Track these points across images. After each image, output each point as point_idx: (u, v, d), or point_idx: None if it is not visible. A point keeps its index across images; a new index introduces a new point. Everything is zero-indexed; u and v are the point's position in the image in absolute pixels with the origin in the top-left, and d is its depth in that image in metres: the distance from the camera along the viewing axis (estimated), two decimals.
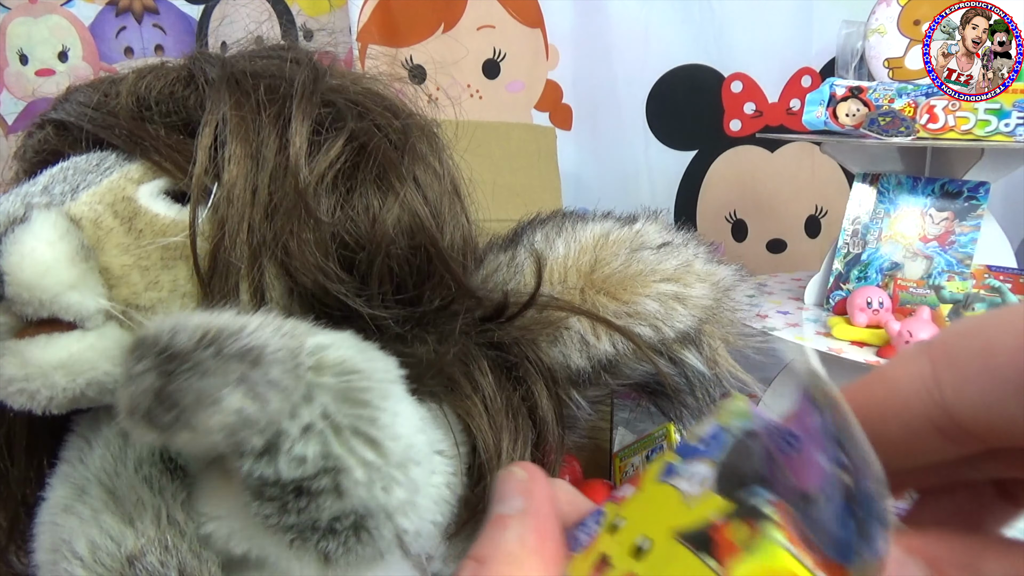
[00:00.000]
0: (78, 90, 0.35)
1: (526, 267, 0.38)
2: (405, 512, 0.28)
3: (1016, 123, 0.74)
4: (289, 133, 0.32)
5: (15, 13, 1.24)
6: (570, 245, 0.39)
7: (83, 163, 0.33)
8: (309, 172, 0.32)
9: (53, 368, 0.29)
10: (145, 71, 0.34)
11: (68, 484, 0.32)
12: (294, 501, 0.26)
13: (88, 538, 0.30)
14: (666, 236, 0.41)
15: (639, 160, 1.26)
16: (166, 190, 0.32)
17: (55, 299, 0.28)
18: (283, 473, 0.26)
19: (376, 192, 0.33)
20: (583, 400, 0.39)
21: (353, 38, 1.19)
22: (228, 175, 0.31)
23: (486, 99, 1.24)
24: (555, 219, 0.41)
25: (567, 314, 0.37)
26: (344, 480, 0.26)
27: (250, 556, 0.29)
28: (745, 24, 1.19)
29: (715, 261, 0.41)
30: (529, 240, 0.40)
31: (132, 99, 0.33)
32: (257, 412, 0.24)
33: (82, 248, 0.29)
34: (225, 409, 0.24)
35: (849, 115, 0.83)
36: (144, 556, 0.29)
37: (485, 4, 1.20)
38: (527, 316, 0.36)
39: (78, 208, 0.30)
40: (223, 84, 0.33)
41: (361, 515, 0.27)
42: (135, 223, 0.30)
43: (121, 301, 0.29)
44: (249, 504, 0.27)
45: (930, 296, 0.78)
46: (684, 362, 0.39)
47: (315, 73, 0.35)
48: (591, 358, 0.38)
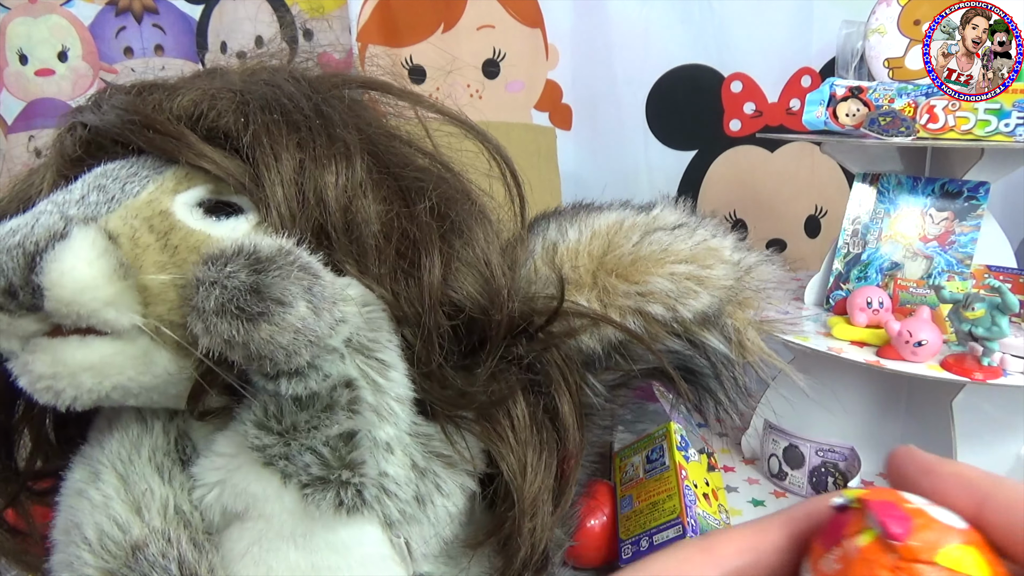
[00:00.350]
0: (112, 94, 0.35)
1: (535, 256, 0.38)
2: (391, 450, 0.30)
3: (1016, 123, 0.74)
4: (349, 181, 0.33)
5: (15, 13, 1.24)
6: (583, 232, 0.39)
7: (118, 171, 0.33)
8: (370, 224, 0.33)
9: (83, 369, 0.29)
10: (182, 84, 0.34)
11: (85, 467, 0.33)
12: (304, 418, 0.29)
13: (96, 524, 0.31)
14: (683, 219, 0.40)
15: (639, 160, 1.26)
16: (201, 201, 0.33)
17: (92, 314, 0.29)
18: (312, 387, 0.29)
19: (432, 257, 0.34)
20: (599, 384, 0.38)
21: (353, 38, 1.19)
22: (276, 206, 0.32)
23: (486, 99, 1.24)
24: (570, 210, 0.41)
25: (589, 321, 0.36)
26: (358, 396, 0.29)
27: (234, 509, 0.30)
28: (745, 24, 1.19)
29: (735, 241, 0.40)
30: (541, 232, 0.39)
31: (173, 107, 0.33)
32: (313, 323, 0.28)
33: (120, 266, 0.29)
34: (297, 312, 0.27)
35: (849, 115, 0.83)
36: (147, 547, 0.29)
37: (485, 4, 1.20)
38: (550, 328, 0.36)
39: (115, 223, 0.31)
40: (284, 123, 0.33)
41: (356, 445, 0.29)
42: (171, 239, 0.31)
43: (155, 317, 0.30)
44: (250, 438, 0.29)
45: (930, 296, 0.78)
46: (706, 344, 0.38)
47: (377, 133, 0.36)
48: (602, 339, 0.37)
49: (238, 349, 0.27)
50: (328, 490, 0.29)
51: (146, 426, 0.33)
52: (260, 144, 0.32)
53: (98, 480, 0.32)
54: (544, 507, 0.34)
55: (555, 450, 0.35)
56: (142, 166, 0.33)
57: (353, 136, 0.34)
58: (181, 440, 0.34)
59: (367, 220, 0.33)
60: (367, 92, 0.39)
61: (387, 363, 0.31)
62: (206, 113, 0.33)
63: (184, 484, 0.32)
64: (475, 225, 0.36)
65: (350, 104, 0.36)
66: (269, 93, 0.34)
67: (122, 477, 0.32)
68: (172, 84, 0.34)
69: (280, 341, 0.27)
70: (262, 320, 0.27)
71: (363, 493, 0.29)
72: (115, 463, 0.32)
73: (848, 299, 0.80)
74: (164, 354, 0.30)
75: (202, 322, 0.27)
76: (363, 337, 0.31)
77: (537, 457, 0.34)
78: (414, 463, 0.32)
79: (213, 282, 0.27)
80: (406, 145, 0.37)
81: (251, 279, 0.27)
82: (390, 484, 0.30)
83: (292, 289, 0.27)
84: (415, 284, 0.33)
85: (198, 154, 0.32)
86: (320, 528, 0.29)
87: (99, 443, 0.34)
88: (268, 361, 0.28)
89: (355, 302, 0.31)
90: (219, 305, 0.27)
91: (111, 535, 0.30)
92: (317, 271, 0.29)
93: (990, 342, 0.69)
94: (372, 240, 0.33)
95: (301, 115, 0.34)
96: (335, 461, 0.29)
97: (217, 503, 0.30)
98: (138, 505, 0.31)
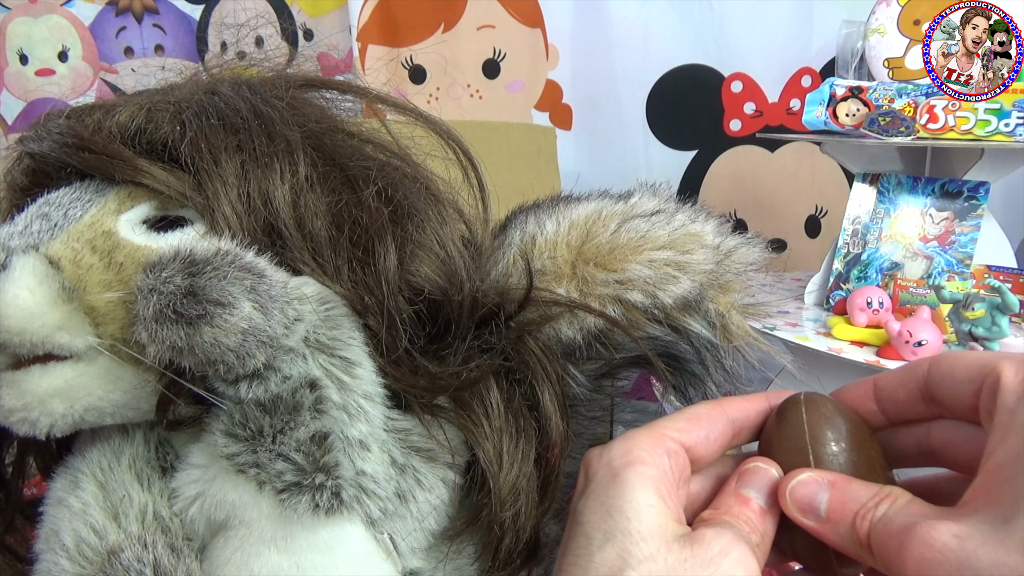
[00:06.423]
0: (52, 119, 0.35)
1: (511, 251, 0.38)
2: (367, 447, 0.30)
3: (1016, 123, 0.74)
4: (294, 182, 0.33)
5: (15, 13, 1.24)
6: (560, 223, 0.38)
7: (61, 197, 0.33)
8: (315, 220, 0.33)
9: (50, 396, 0.29)
10: (120, 102, 0.34)
11: (66, 476, 0.33)
12: (269, 423, 0.28)
13: (74, 531, 0.31)
14: (661, 205, 0.40)
15: (639, 160, 1.26)
16: (146, 218, 0.33)
17: (45, 340, 0.29)
18: (273, 390, 0.28)
19: (386, 247, 0.33)
20: (580, 374, 0.38)
21: (353, 38, 1.19)
22: (221, 212, 0.32)
23: (486, 99, 1.24)
24: (549, 202, 0.41)
25: (564, 309, 0.36)
26: (322, 396, 0.29)
27: (217, 519, 0.30)
28: (745, 24, 1.20)
29: (717, 226, 0.40)
30: (520, 225, 0.39)
31: (110, 126, 0.33)
32: (262, 323, 0.27)
33: (63, 290, 0.29)
34: (239, 312, 0.27)
35: (849, 115, 0.84)
36: (123, 552, 0.29)
37: (485, 4, 1.20)
38: (523, 316, 0.36)
39: (56, 248, 0.30)
40: (221, 127, 0.33)
41: (329, 447, 0.29)
42: (115, 257, 0.31)
43: (109, 336, 0.30)
44: (219, 447, 0.29)
45: (930, 296, 0.78)
46: (688, 330, 0.38)
47: (320, 123, 0.36)
48: (582, 328, 0.37)
49: (186, 355, 0.27)
50: (303, 494, 0.29)
51: (127, 435, 0.33)
52: (199, 151, 0.32)
53: (78, 488, 0.32)
54: (525, 496, 0.34)
55: (533, 438, 0.35)
56: (85, 190, 0.33)
57: (295, 133, 0.34)
58: (162, 448, 0.33)
59: (316, 213, 0.33)
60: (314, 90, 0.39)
61: (351, 360, 0.31)
62: (143, 127, 0.33)
63: (164, 491, 0.32)
64: (426, 207, 0.36)
65: (290, 102, 0.36)
66: (206, 100, 0.34)
67: (101, 485, 0.32)
68: (111, 103, 0.34)
69: (227, 343, 0.27)
70: (202, 323, 0.26)
71: (340, 494, 0.29)
72: (95, 471, 0.32)
73: (848, 299, 0.80)
74: (127, 369, 0.30)
75: (145, 330, 0.27)
76: (323, 335, 0.30)
77: (514, 445, 0.34)
78: (393, 459, 0.32)
79: (151, 289, 0.27)
80: (352, 137, 0.37)
81: (186, 282, 0.27)
82: (368, 483, 0.30)
83: (231, 289, 0.27)
84: (372, 271, 0.33)
85: (135, 169, 0.32)
86: (300, 530, 0.29)
87: (81, 453, 0.33)
88: (221, 365, 0.27)
89: (312, 300, 0.30)
90: (157, 311, 0.27)
91: (88, 541, 0.30)
92: (261, 270, 0.28)
93: (990, 342, 0.69)
94: (324, 232, 0.33)
95: (239, 118, 0.34)
96: (309, 466, 0.29)
97: (200, 515, 0.30)
98: (116, 511, 0.31)
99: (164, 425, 0.32)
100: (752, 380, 0.42)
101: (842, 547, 0.25)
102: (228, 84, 0.36)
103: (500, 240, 0.39)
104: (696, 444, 0.28)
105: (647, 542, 0.24)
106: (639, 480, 0.26)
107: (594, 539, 0.25)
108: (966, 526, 0.22)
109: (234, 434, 0.29)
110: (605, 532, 0.25)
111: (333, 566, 0.30)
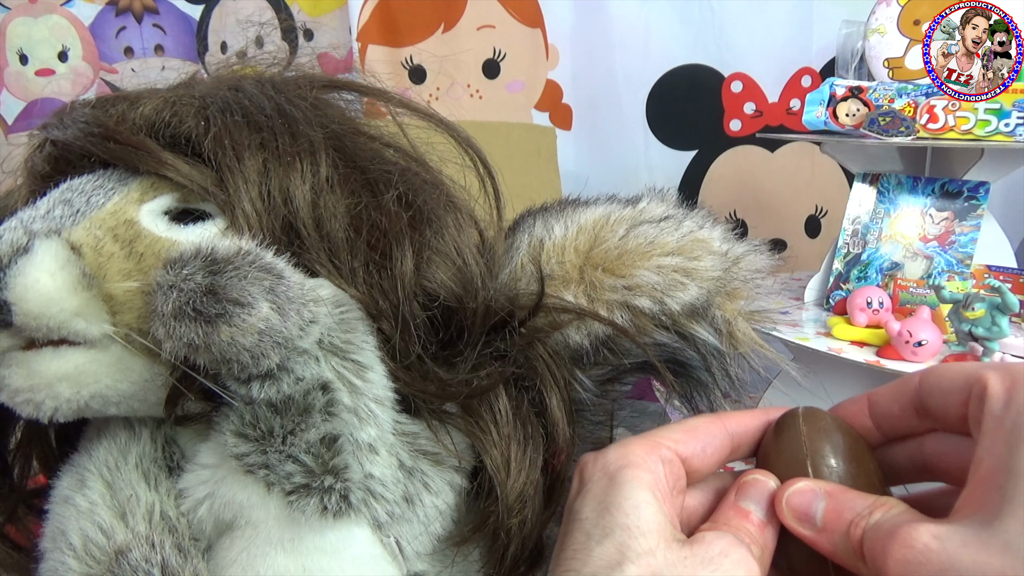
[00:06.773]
0: (77, 108, 0.35)
1: (519, 255, 0.38)
2: (376, 451, 0.30)
3: (1016, 123, 0.74)
4: (315, 181, 0.33)
5: (15, 13, 1.24)
6: (568, 227, 0.38)
7: (84, 184, 0.33)
8: (333, 221, 0.33)
9: (58, 379, 0.29)
10: (144, 95, 0.34)
11: (73, 474, 0.33)
12: (280, 424, 0.28)
13: (81, 530, 0.31)
14: (670, 211, 0.40)
15: (639, 160, 1.26)
16: (167, 209, 0.33)
17: (62, 326, 0.29)
18: (285, 391, 0.28)
19: (404, 251, 0.33)
20: (587, 379, 0.38)
21: (353, 38, 1.19)
22: (242, 208, 0.32)
23: (486, 99, 1.24)
24: (556, 206, 0.41)
25: (573, 316, 0.36)
26: (334, 399, 0.29)
27: (224, 520, 0.30)
28: (745, 24, 1.20)
29: (724, 232, 0.40)
30: (527, 229, 0.39)
31: (135, 117, 0.33)
32: (279, 324, 0.27)
33: (84, 276, 0.29)
34: (258, 313, 0.27)
35: (849, 115, 0.84)
36: (130, 551, 0.29)
37: (485, 4, 1.20)
38: (533, 323, 0.36)
39: (79, 234, 0.30)
40: (245, 125, 0.33)
41: (338, 450, 0.29)
42: (136, 247, 0.31)
43: (125, 325, 0.30)
44: (229, 447, 0.29)
45: (930, 296, 0.78)
46: (695, 336, 0.38)
47: (342, 126, 0.36)
48: (589, 334, 0.37)
49: (202, 352, 0.27)
50: (312, 496, 0.29)
51: (134, 433, 0.33)
52: (222, 147, 0.32)
53: (84, 487, 0.32)
54: (532, 502, 0.34)
55: (540, 445, 0.35)
56: (108, 179, 0.33)
57: (317, 133, 0.34)
58: (169, 447, 0.33)
59: (336, 214, 0.33)
60: (336, 92, 0.39)
61: (364, 364, 0.31)
62: (168, 120, 0.33)
63: (171, 490, 0.32)
64: (444, 213, 0.36)
65: (314, 103, 0.36)
66: (231, 97, 0.34)
67: (108, 484, 0.32)
68: (136, 95, 0.34)
69: (243, 343, 0.27)
70: (220, 322, 0.26)
71: (349, 497, 0.29)
72: (102, 470, 0.32)
73: (848, 299, 0.80)
74: (139, 360, 0.30)
75: (163, 326, 0.27)
76: (336, 338, 0.30)
77: (521, 451, 0.34)
78: (401, 463, 0.32)
79: (171, 285, 0.27)
80: (373, 140, 0.37)
81: (207, 281, 0.27)
82: (376, 486, 0.30)
83: (251, 290, 0.27)
84: (388, 275, 0.33)
85: (159, 162, 0.32)
86: (307, 532, 0.29)
87: (87, 451, 0.33)
88: (235, 364, 0.27)
89: (327, 303, 0.30)
90: (176, 308, 0.27)
91: (95, 541, 0.30)
92: (280, 271, 0.28)
93: (990, 342, 0.69)
94: (342, 234, 0.33)
95: (263, 116, 0.34)
96: (318, 468, 0.29)
97: (209, 516, 0.30)
98: (123, 511, 0.31)
99: (172, 420, 0.32)
100: (753, 381, 0.42)
101: (838, 557, 0.25)
102: (252, 81, 0.36)
103: (508, 243, 0.39)
104: (692, 456, 0.28)
105: (646, 537, 0.24)
106: (635, 481, 0.26)
107: (593, 535, 0.25)
108: (948, 528, 0.22)
109: (244, 434, 0.29)
110: (604, 528, 0.25)
111: (339, 568, 0.30)
